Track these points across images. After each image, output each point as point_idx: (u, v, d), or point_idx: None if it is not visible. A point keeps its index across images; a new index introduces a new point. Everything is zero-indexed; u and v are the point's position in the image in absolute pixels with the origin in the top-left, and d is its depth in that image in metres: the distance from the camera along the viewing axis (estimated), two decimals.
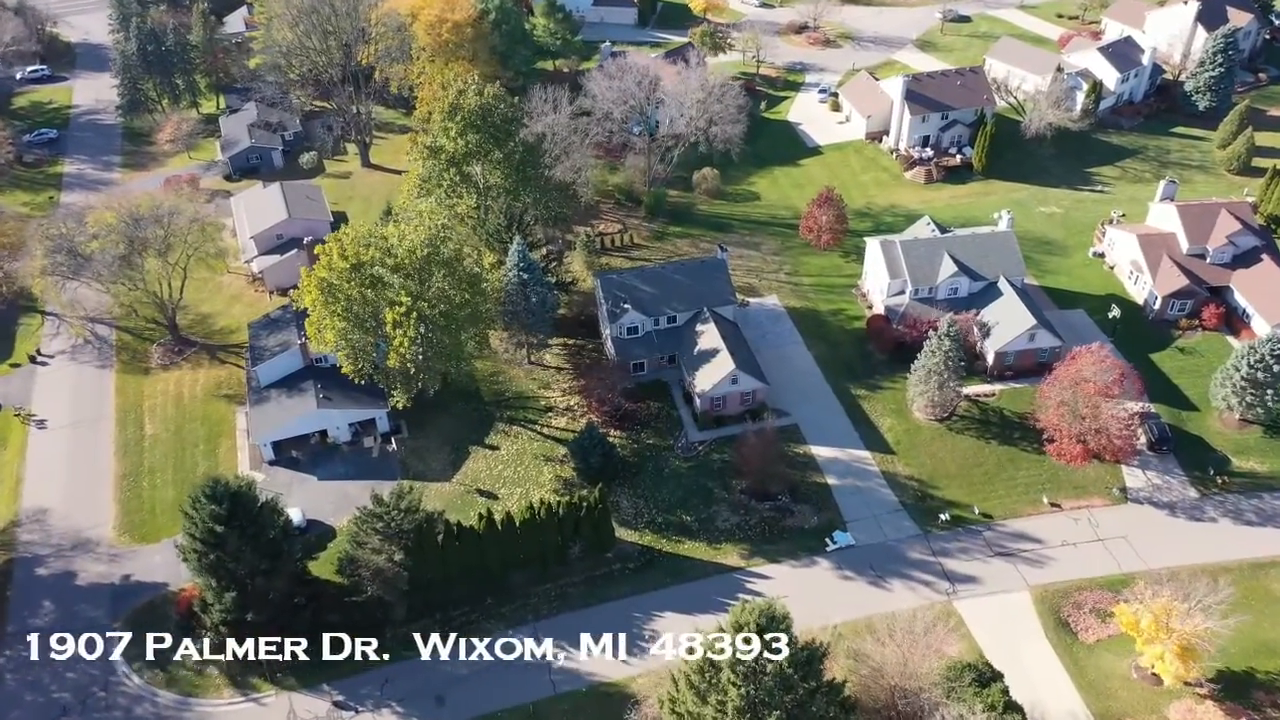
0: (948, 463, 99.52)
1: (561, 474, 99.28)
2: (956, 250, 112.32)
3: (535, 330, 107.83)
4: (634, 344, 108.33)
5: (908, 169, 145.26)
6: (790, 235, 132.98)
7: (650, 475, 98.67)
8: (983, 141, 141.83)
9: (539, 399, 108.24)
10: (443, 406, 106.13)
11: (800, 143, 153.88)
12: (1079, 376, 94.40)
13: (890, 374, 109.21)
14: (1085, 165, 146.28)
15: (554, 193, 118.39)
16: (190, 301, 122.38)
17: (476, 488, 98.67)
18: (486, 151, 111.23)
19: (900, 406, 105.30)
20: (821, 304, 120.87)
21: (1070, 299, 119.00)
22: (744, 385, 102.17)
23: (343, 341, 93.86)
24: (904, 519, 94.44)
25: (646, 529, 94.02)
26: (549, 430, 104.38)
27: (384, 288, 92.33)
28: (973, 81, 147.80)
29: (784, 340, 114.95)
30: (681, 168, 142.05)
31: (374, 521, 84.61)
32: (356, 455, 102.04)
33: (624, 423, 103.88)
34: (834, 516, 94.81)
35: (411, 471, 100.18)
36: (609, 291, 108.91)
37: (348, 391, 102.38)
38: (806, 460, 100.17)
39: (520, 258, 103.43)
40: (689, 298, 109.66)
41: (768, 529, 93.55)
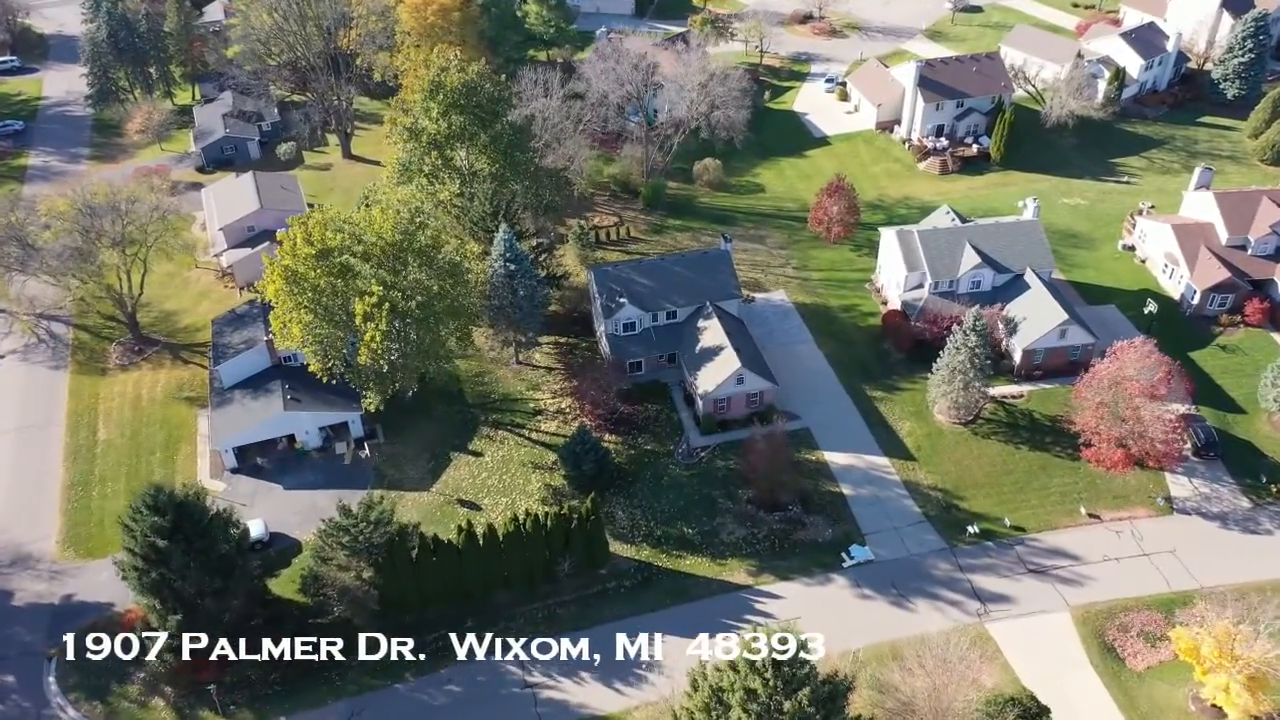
0: (974, 470, 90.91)
1: (551, 482, 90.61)
2: (979, 240, 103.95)
3: (523, 327, 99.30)
4: (631, 342, 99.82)
5: (921, 160, 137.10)
6: (798, 228, 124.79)
7: (648, 484, 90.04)
8: (1001, 130, 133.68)
9: (527, 401, 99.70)
10: (422, 409, 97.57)
11: (807, 133, 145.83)
12: (1120, 374, 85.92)
13: (909, 374, 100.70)
14: (1109, 156, 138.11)
15: (544, 179, 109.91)
16: (154, 298, 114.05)
17: (458, 498, 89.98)
18: (471, 134, 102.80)
19: (921, 409, 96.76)
20: (833, 299, 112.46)
21: (1100, 294, 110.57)
22: (750, 385, 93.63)
23: (309, 336, 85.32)
24: (928, 532, 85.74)
25: (644, 543, 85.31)
26: (538, 435, 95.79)
27: (354, 277, 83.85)
28: (989, 68, 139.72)
29: (793, 338, 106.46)
30: (681, 159, 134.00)
31: (340, 535, 75.88)
32: (327, 462, 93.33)
33: (619, 427, 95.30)
34: (850, 529, 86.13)
35: (387, 480, 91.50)
36: (603, 285, 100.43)
37: (318, 393, 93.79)
38: (819, 467, 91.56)
39: (507, 247, 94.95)
40: (690, 291, 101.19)
41: (778, 543, 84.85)
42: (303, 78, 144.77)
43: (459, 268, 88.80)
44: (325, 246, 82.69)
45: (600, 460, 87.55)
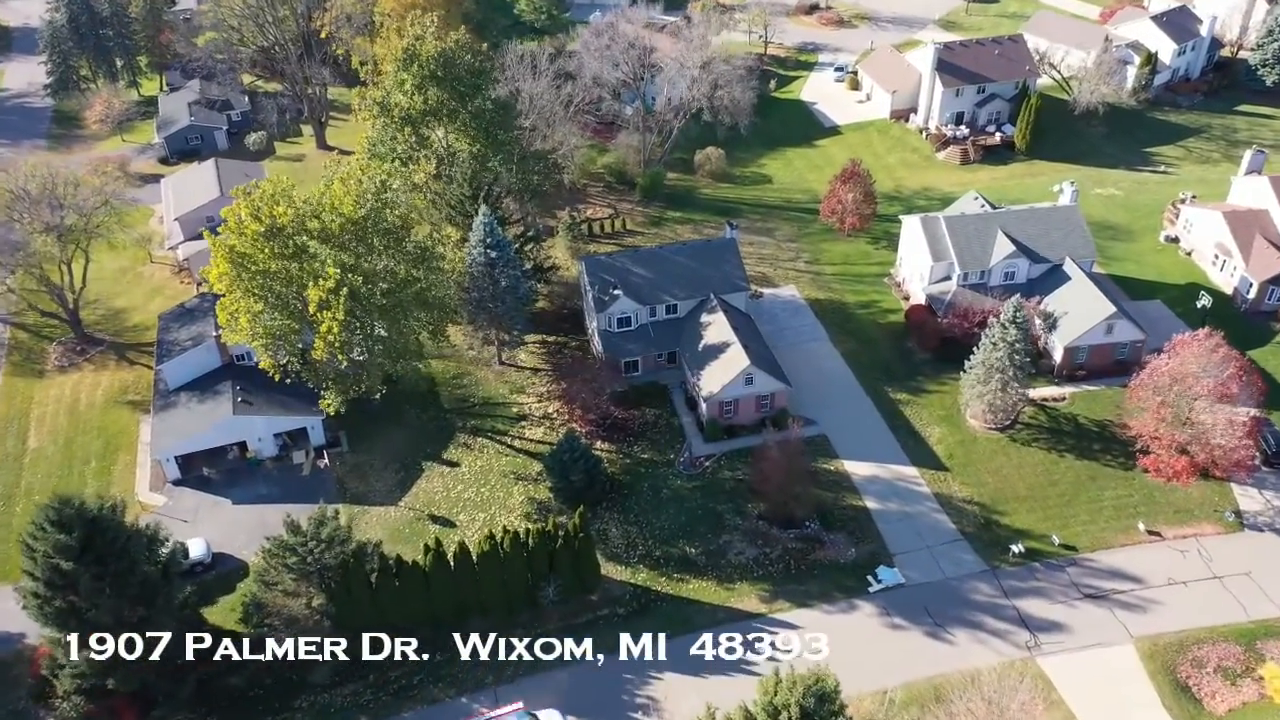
0: (1014, 481, 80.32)
1: (536, 495, 79.98)
2: (1012, 228, 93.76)
3: (506, 323, 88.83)
4: (626, 339, 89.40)
5: (940, 149, 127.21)
6: (808, 220, 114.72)
7: (645, 497, 79.43)
8: (1026, 117, 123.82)
9: (510, 405, 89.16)
10: (392, 415, 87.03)
11: (816, 122, 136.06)
12: (1181, 371, 75.51)
13: (936, 374, 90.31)
14: (1142, 145, 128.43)
15: (531, 162, 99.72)
16: (102, 295, 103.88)
17: (429, 513, 79.26)
18: (450, 110, 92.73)
19: (951, 413, 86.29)
20: (849, 295, 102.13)
21: (1142, 289, 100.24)
22: (760, 386, 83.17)
23: (259, 328, 74.86)
24: (965, 551, 75.06)
25: (640, 564, 74.59)
26: (521, 443, 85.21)
27: (310, 259, 73.51)
28: (1012, 51, 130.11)
29: (806, 336, 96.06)
30: (682, 149, 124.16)
31: (286, 555, 65.17)
32: (283, 473, 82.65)
33: (613, 433, 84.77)
34: (877, 548, 75.44)
35: (349, 492, 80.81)
36: (595, 276, 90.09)
37: (275, 395, 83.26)
38: (838, 478, 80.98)
39: (486, 232, 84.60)
40: (692, 283, 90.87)
41: (794, 564, 74.16)
42: (276, 65, 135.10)
43: (430, 253, 78.44)
44: (275, 224, 72.32)
45: (591, 470, 76.96)
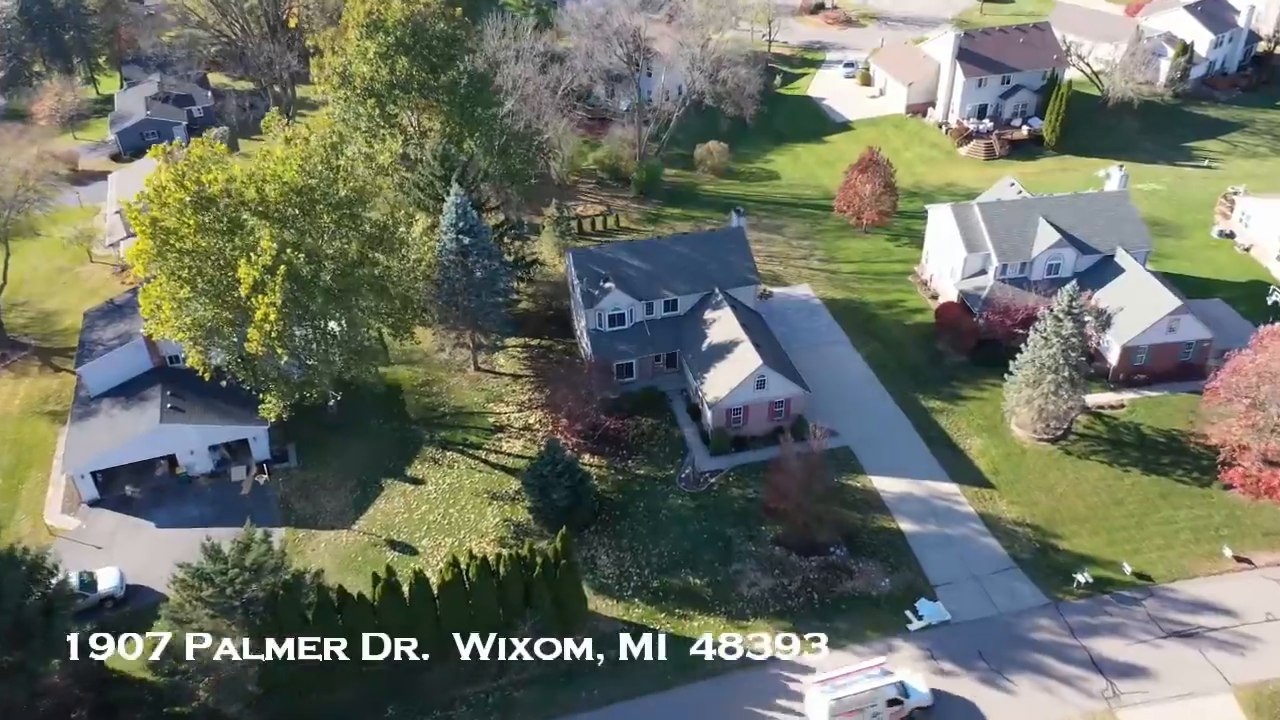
0: (1072, 500, 68.82)
1: (513, 517, 68.40)
2: (1056, 215, 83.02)
3: (482, 322, 77.69)
4: (618, 339, 78.22)
5: (962, 144, 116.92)
6: (820, 217, 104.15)
7: (641, 519, 67.87)
8: (1056, 108, 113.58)
9: (486, 415, 77.78)
10: (350, 426, 75.64)
11: (825, 118, 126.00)
12: (1272, 369, 64.36)
13: (973, 379, 79.20)
14: (1180, 140, 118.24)
15: (512, 144, 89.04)
16: (33, 296, 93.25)
17: (387, 538, 67.58)
18: (420, 84, 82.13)
19: (993, 422, 75.01)
20: (869, 294, 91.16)
21: (1199, 287, 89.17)
22: (774, 390, 71.92)
23: (186, 319, 63.53)
24: (1019, 581, 63.38)
25: (635, 597, 62.88)
26: (498, 457, 73.74)
27: (246, 235, 62.42)
28: (1039, 39, 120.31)
29: (822, 338, 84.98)
30: (680, 144, 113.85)
31: (203, 586, 53.43)
32: (220, 492, 71.02)
33: (604, 446, 73.41)
34: (914, 578, 63.75)
35: (295, 514, 69.21)
36: (584, 268, 79.08)
37: (213, 402, 71.96)
38: (867, 496, 69.48)
39: (459, 214, 73.64)
40: (695, 276, 79.91)
41: (818, 597, 62.47)
42: (243, 58, 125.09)
43: (390, 233, 67.33)
44: (204, 192, 61.26)
45: (576, 487, 65.36)
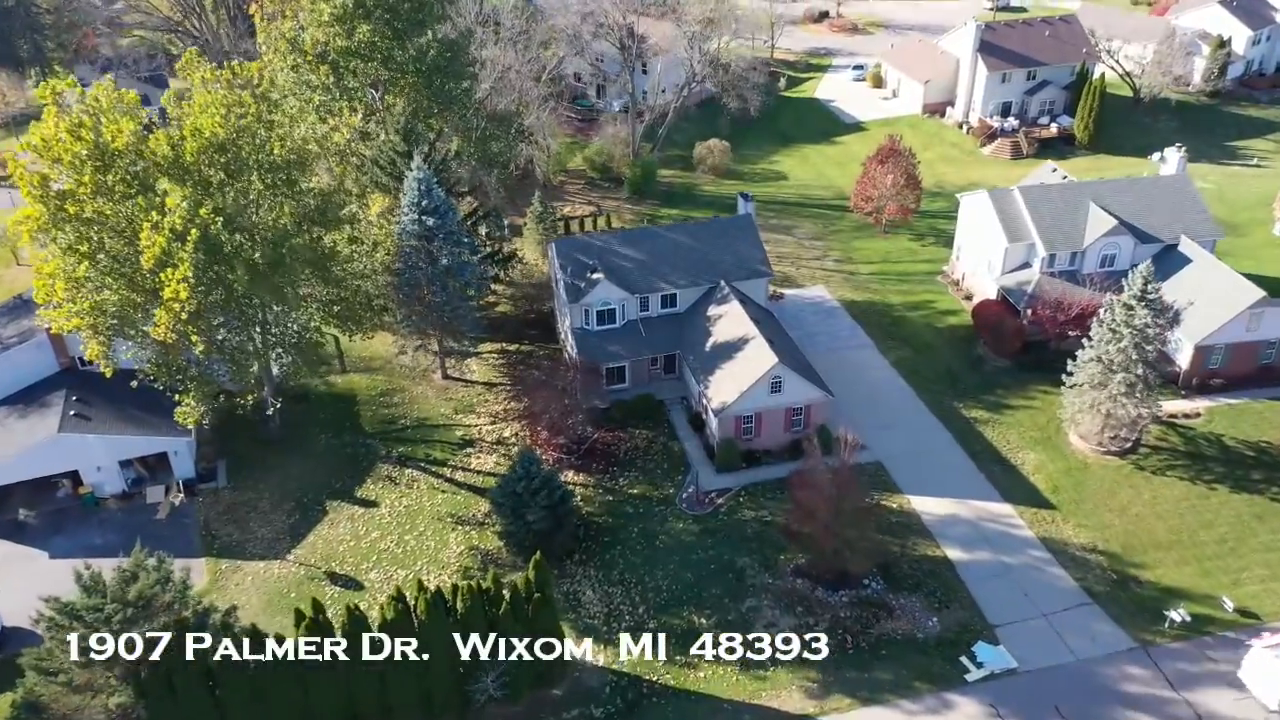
0: (1150, 523, 57.58)
1: (480, 543, 57.00)
2: (1109, 200, 72.72)
3: (450, 320, 66.79)
4: (608, 339, 67.27)
5: (985, 143, 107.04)
6: (833, 217, 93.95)
7: (635, 546, 56.51)
8: (1089, 103, 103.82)
9: (454, 428, 66.55)
10: (294, 440, 64.42)
11: (835, 119, 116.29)
12: None
13: (1020, 385, 68.36)
14: (1223, 139, 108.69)
15: (488, 126, 78.73)
16: None
17: (328, 569, 56.03)
18: (384, 53, 71.92)
19: (1048, 433, 64.00)
20: (893, 296, 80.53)
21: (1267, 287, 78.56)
22: (791, 395, 60.89)
23: (83, 303, 52.47)
24: (1098, 619, 51.93)
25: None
26: (465, 475, 62.44)
27: (156, 199, 51.59)
28: (1066, 32, 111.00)
29: (843, 341, 74.15)
30: (678, 145, 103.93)
31: (73, 627, 41.82)
32: (132, 516, 59.51)
33: (590, 462, 62.25)
34: (969, 616, 52.29)
35: (219, 542, 57.70)
36: (568, 258, 68.36)
37: (127, 410, 60.77)
38: (905, 519, 58.18)
39: (422, 192, 62.92)
40: (697, 268, 69.20)
41: (850, 640, 50.94)
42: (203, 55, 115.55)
43: (331, 201, 56.49)
44: (105, 146, 50.54)
45: (556, 506, 54.04)
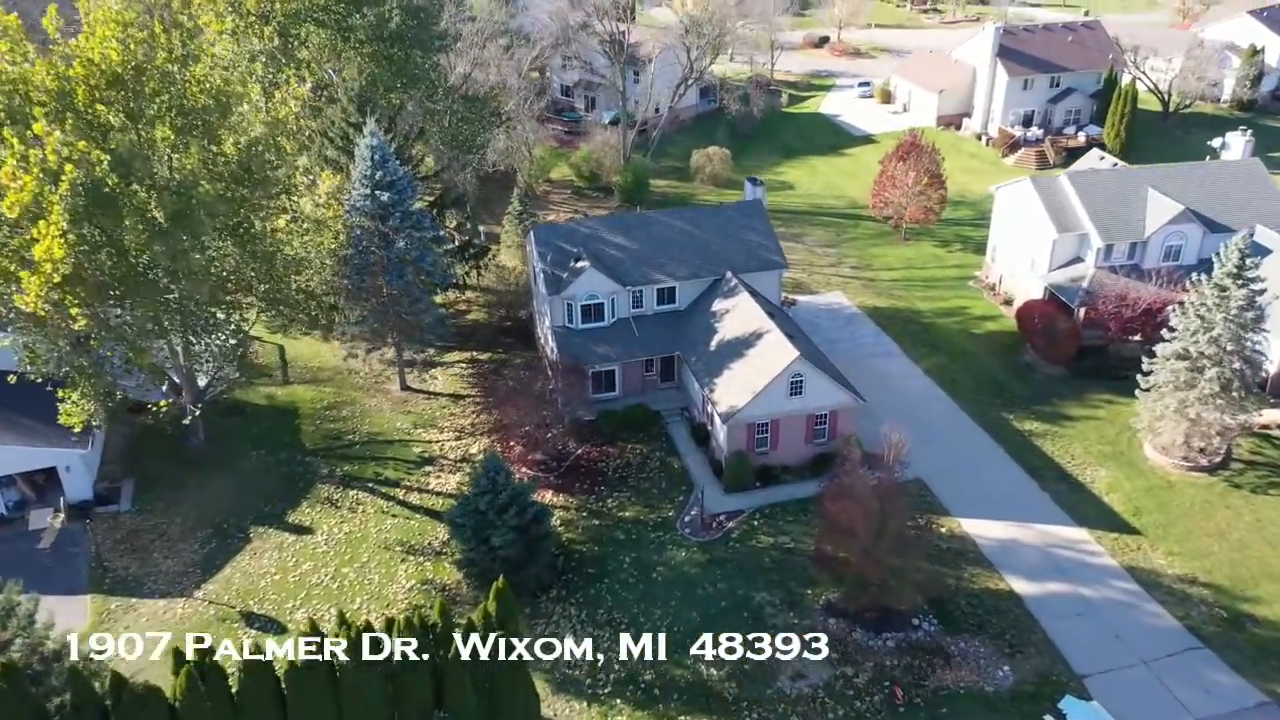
0: (1259, 549, 47.10)
1: (435, 576, 46.17)
2: (1169, 187, 63.53)
3: (410, 324, 56.73)
4: (595, 339, 57.11)
5: (1008, 154, 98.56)
6: (846, 226, 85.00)
7: (627, 578, 45.71)
8: (1120, 110, 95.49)
9: (412, 444, 56.01)
10: (220, 457, 53.88)
11: (843, 132, 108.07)
12: None
13: (1078, 393, 58.40)
14: (1266, 150, 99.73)
15: (460, 108, 69.49)
16: None
17: (244, 608, 45.04)
18: (337, 19, 62.91)
19: (1120, 447, 53.81)
20: (920, 302, 70.85)
21: None
22: (814, 398, 50.66)
23: None
24: (1212, 667, 41.13)
25: (618, 699, 40.22)
26: (422, 497, 51.77)
27: (29, 131, 41.78)
28: (1089, 38, 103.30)
29: (868, 348, 64.15)
30: (674, 156, 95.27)
31: None
32: (10, 544, 48.55)
33: (574, 481, 51.71)
34: (1049, 664, 41.40)
35: (113, 576, 46.70)
36: (549, 245, 58.55)
37: (11, 416, 50.20)
38: (957, 545, 47.59)
39: (376, 162, 53.31)
40: (699, 258, 59.37)
41: (901, 695, 39.99)
42: None
43: (258, 156, 46.54)
44: None
45: (529, 527, 43.36)
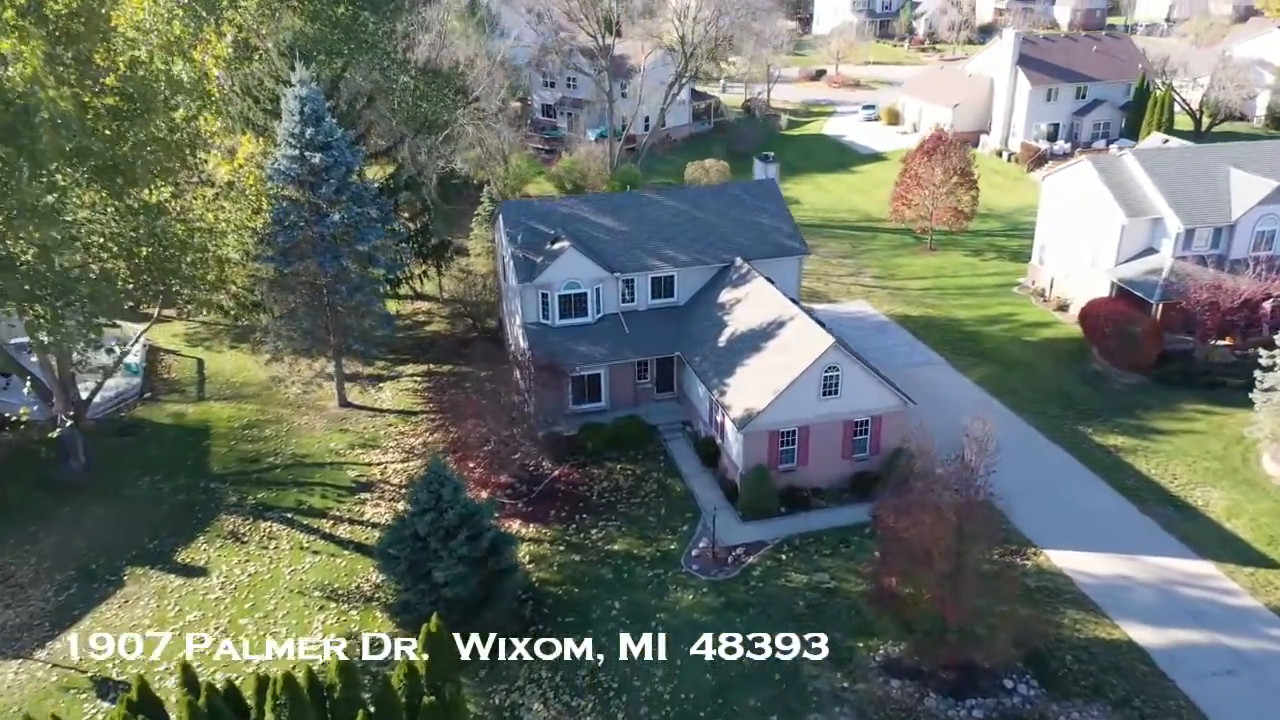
0: None
1: (362, 626, 34.71)
2: (1252, 165, 54.14)
3: (349, 321, 46.21)
4: (576, 337, 46.42)
5: (1033, 168, 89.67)
6: (863, 237, 75.60)
7: (615, 628, 34.30)
8: (1155, 121, 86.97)
9: (347, 467, 44.85)
10: (104, 483, 42.75)
11: (850, 151, 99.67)
12: None
13: (1166, 404, 48.07)
14: None
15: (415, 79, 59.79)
16: None
17: (99, 673, 33.39)
18: None
19: (1233, 464, 43.23)
20: (959, 310, 60.75)
21: None
22: (853, 399, 39.96)
23: None
24: None
25: None
26: (353, 530, 40.50)
27: None
28: (1116, 48, 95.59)
29: (904, 357, 53.66)
30: (666, 173, 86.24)
31: None
32: None
33: (547, 508, 40.59)
34: None
35: None
36: (520, 225, 48.20)
37: None
38: (1048, 581, 36.58)
39: (306, 117, 43.20)
40: (702, 242, 49.08)
41: None
42: None
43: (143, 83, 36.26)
44: None
45: (483, 559, 32.16)
